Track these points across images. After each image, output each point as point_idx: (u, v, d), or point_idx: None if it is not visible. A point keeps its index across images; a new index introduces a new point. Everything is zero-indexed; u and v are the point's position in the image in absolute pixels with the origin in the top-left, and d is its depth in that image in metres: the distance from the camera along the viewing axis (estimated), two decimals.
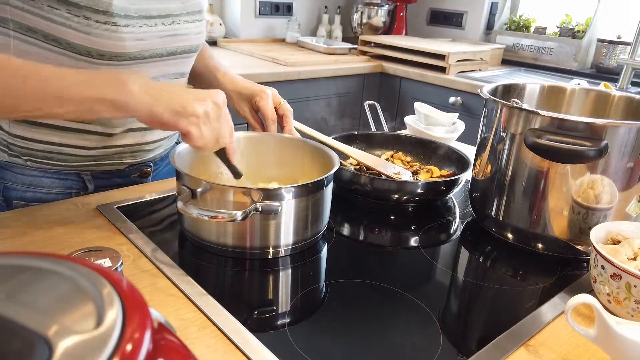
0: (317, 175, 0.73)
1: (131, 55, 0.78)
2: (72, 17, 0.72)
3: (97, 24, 0.73)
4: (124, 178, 0.95)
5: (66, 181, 0.89)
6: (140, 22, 0.78)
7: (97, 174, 0.91)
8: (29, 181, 0.87)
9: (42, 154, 0.85)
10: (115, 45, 0.75)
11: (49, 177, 0.88)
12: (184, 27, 0.86)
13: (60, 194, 0.89)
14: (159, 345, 0.25)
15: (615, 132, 0.68)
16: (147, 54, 0.80)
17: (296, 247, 0.73)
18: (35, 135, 0.83)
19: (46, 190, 0.88)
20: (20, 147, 0.85)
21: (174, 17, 0.83)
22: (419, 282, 0.71)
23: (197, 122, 0.65)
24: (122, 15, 0.74)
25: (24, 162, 0.86)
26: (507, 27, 2.77)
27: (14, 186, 0.88)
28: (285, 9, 2.79)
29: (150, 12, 0.79)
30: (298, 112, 1.28)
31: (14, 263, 0.28)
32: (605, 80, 1.90)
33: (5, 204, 0.89)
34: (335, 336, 0.57)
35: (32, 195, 0.88)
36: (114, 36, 0.74)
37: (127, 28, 0.75)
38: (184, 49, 0.88)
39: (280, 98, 0.93)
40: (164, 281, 0.64)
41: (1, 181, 0.88)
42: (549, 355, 0.56)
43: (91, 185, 0.91)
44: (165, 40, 0.83)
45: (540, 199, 0.75)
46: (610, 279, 0.61)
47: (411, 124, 1.30)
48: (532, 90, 0.95)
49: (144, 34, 0.78)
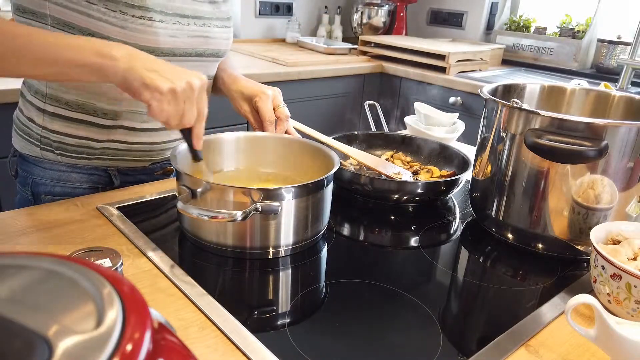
0: (317, 175, 0.73)
1: (163, 51, 0.81)
2: (109, 12, 0.75)
3: (134, 19, 0.76)
4: (148, 175, 0.99)
5: (93, 176, 0.92)
6: (174, 19, 0.81)
7: (123, 169, 0.94)
8: (57, 176, 0.90)
9: (73, 149, 0.88)
10: (149, 39, 0.79)
11: (78, 172, 0.91)
12: (214, 30, 0.89)
13: (88, 189, 0.92)
14: (159, 345, 0.25)
15: (615, 132, 0.68)
16: (177, 52, 0.84)
17: (296, 247, 0.73)
18: (69, 130, 0.87)
19: (74, 185, 0.91)
20: (53, 141, 0.88)
21: (205, 20, 0.87)
22: (419, 282, 0.71)
23: (160, 98, 0.65)
24: (158, 11, 0.79)
25: (55, 157, 0.89)
26: (507, 27, 2.77)
27: (43, 181, 0.91)
28: (285, 9, 2.79)
29: (184, 11, 0.83)
30: (298, 112, 1.28)
31: (14, 263, 0.28)
32: (605, 81, 1.90)
33: (33, 198, 0.92)
34: (335, 336, 0.57)
35: (61, 190, 0.91)
36: (148, 30, 0.78)
37: (161, 24, 0.79)
38: (211, 52, 0.91)
39: (280, 100, 0.93)
40: (164, 281, 0.64)
41: (30, 176, 0.91)
42: (549, 355, 0.56)
43: (117, 181, 0.94)
44: (195, 41, 0.87)
45: (541, 199, 0.75)
46: (611, 279, 0.61)
47: (411, 124, 1.30)
48: (532, 91, 0.95)
49: (177, 31, 0.82)
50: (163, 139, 0.94)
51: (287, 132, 0.93)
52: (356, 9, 2.87)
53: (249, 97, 0.94)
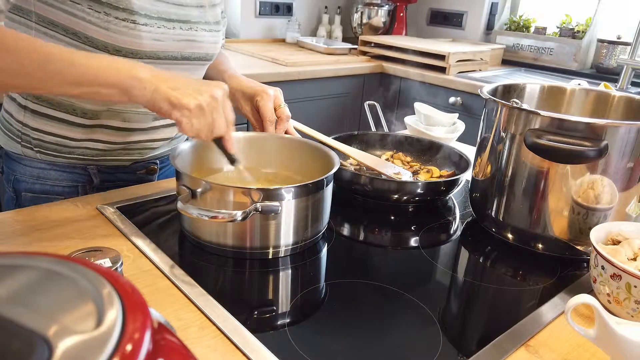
0: (317, 175, 0.73)
1: (146, 54, 0.81)
2: (92, 13, 0.75)
3: (117, 20, 0.76)
4: (129, 174, 0.97)
5: (72, 174, 0.92)
6: (159, 23, 0.81)
7: (103, 168, 0.94)
8: (37, 173, 0.90)
9: (53, 147, 0.88)
10: (132, 42, 0.79)
11: (57, 170, 0.91)
12: (200, 34, 0.89)
13: (67, 187, 0.92)
14: (159, 345, 0.25)
15: (615, 132, 0.68)
16: (162, 55, 0.84)
17: (296, 247, 0.73)
18: (48, 127, 0.86)
19: (53, 182, 0.91)
20: (33, 139, 0.87)
21: (192, 24, 0.87)
22: (419, 282, 0.71)
23: (189, 115, 0.68)
24: (142, 14, 0.78)
25: (34, 154, 0.89)
26: (507, 27, 2.77)
27: (23, 178, 0.91)
28: (285, 9, 2.79)
29: (169, 15, 0.83)
30: (298, 112, 1.28)
31: (14, 263, 0.28)
32: (605, 81, 1.90)
33: (15, 195, 0.92)
34: (335, 336, 0.57)
35: (40, 187, 0.91)
36: (131, 33, 0.78)
37: (145, 27, 0.79)
38: (198, 55, 0.91)
39: (281, 101, 0.93)
40: (164, 281, 0.64)
41: (12, 173, 0.92)
42: (549, 356, 0.56)
43: (96, 179, 0.94)
44: (181, 45, 0.86)
45: (540, 199, 0.75)
46: (610, 279, 0.61)
47: (411, 124, 1.30)
48: (532, 91, 0.95)
49: (162, 35, 0.82)
50: (144, 138, 0.93)
51: (287, 132, 0.93)
52: (356, 9, 2.87)
53: (250, 96, 0.94)
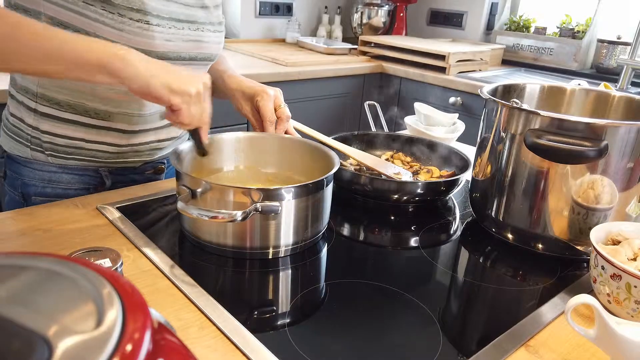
0: (317, 175, 0.73)
1: (158, 54, 0.81)
2: (106, 14, 0.75)
3: (131, 21, 0.77)
4: (139, 175, 0.98)
5: (84, 177, 0.91)
6: (170, 23, 0.82)
7: (114, 170, 0.94)
8: (48, 177, 0.89)
9: (64, 149, 0.88)
10: (145, 42, 0.79)
11: (69, 173, 0.90)
12: (207, 35, 0.90)
13: (79, 190, 0.91)
14: (159, 345, 0.25)
15: (615, 133, 0.68)
16: (171, 55, 0.84)
17: (296, 247, 0.73)
18: (60, 130, 0.86)
19: (65, 186, 0.90)
20: (44, 142, 0.87)
21: (199, 25, 0.88)
22: (419, 282, 0.71)
23: (189, 100, 0.69)
24: (155, 15, 0.79)
25: (45, 158, 0.88)
26: (507, 27, 2.77)
27: (32, 182, 0.90)
28: (285, 9, 2.79)
29: (178, 15, 0.84)
30: (298, 112, 1.28)
31: (14, 263, 0.28)
32: (605, 81, 1.90)
33: (23, 200, 0.91)
34: (335, 336, 0.57)
35: (52, 191, 0.90)
36: (145, 34, 0.78)
37: (158, 27, 0.80)
38: (204, 56, 0.92)
39: (281, 101, 0.93)
40: (164, 281, 0.64)
41: (19, 177, 0.90)
42: (549, 356, 0.56)
43: (108, 181, 0.94)
44: (189, 45, 0.87)
45: (540, 199, 0.75)
46: (610, 279, 0.61)
47: (411, 124, 1.30)
48: (532, 91, 0.95)
49: (172, 35, 0.83)
50: (153, 138, 0.94)
51: (287, 132, 0.93)
52: (356, 9, 2.87)
53: (251, 96, 0.94)
